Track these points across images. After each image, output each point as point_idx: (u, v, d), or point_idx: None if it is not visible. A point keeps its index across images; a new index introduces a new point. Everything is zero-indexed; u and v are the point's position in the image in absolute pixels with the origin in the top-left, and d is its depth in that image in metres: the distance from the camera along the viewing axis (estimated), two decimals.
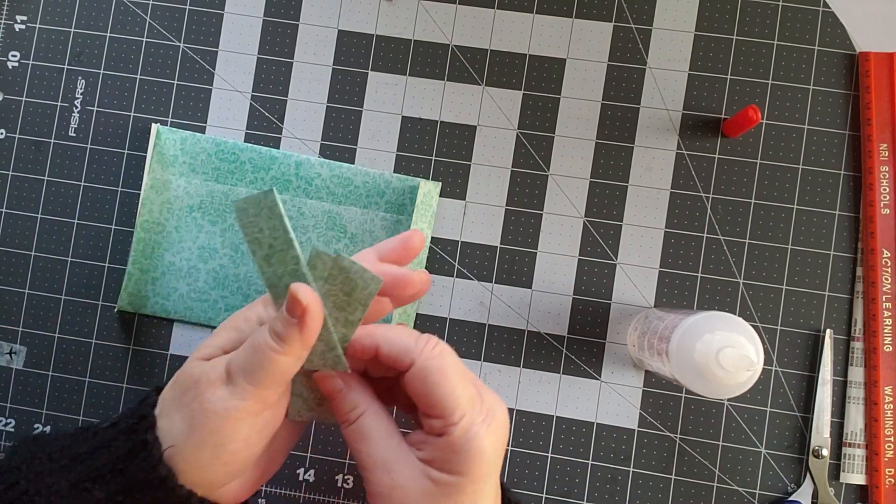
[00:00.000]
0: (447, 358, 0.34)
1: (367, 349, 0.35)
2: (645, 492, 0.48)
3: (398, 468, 0.34)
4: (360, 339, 0.35)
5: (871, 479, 0.47)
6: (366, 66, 0.52)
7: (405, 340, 0.35)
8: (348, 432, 0.36)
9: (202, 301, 0.50)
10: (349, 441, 0.36)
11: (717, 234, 0.49)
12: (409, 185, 0.50)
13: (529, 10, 0.51)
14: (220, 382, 0.34)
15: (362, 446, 0.35)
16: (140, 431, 0.34)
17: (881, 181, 0.48)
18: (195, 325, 0.51)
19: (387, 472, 0.34)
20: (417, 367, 0.34)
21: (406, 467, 0.34)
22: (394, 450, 0.35)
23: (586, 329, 0.50)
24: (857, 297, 0.49)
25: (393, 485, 0.34)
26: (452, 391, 0.34)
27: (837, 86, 0.50)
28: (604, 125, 0.50)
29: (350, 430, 0.36)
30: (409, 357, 0.34)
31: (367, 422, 0.35)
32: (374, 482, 0.35)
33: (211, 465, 0.34)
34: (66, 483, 0.34)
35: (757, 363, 0.37)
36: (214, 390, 0.33)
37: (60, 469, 0.34)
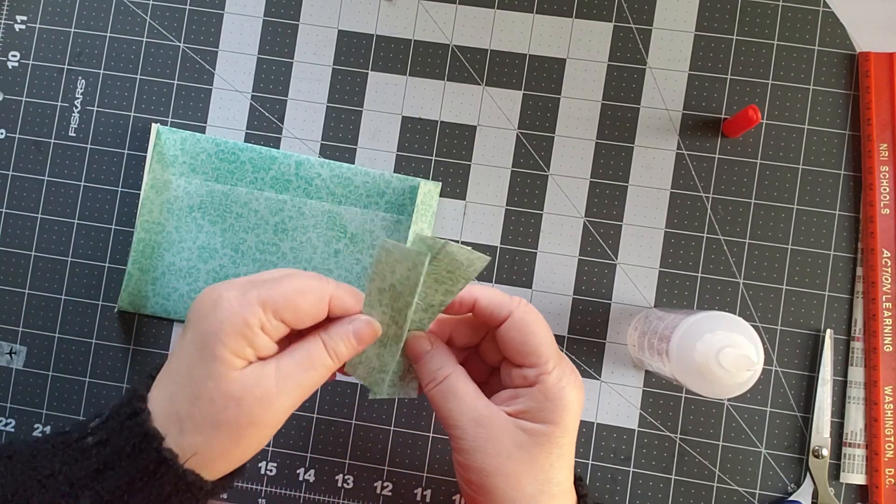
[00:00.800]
0: (537, 313, 0.38)
1: (466, 303, 0.38)
2: (645, 492, 0.48)
3: (490, 422, 0.36)
4: (459, 294, 0.38)
5: (871, 479, 0.47)
6: (366, 66, 0.52)
7: (501, 296, 0.38)
8: (438, 391, 0.37)
9: None
10: (438, 400, 0.37)
11: (718, 234, 0.49)
12: (409, 185, 0.50)
13: (529, 10, 0.51)
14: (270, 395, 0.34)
15: (453, 404, 0.37)
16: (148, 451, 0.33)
17: (881, 181, 0.48)
18: None
19: (480, 427, 0.36)
20: (516, 317, 0.37)
21: (498, 420, 0.36)
22: (485, 405, 0.37)
23: (586, 329, 0.50)
24: (858, 297, 0.49)
25: (487, 437, 0.36)
26: (546, 340, 0.37)
27: (837, 86, 0.50)
28: (604, 125, 0.50)
29: (438, 389, 0.37)
30: (506, 309, 0.37)
31: (455, 380, 0.38)
32: (468, 438, 0.36)
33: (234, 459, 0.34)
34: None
35: (757, 363, 0.37)
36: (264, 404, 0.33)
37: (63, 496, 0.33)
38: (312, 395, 0.50)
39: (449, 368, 0.38)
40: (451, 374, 0.38)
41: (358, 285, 0.50)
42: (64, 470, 0.33)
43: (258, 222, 0.50)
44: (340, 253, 0.50)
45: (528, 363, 0.37)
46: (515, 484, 0.36)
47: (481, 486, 0.36)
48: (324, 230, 0.50)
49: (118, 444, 0.33)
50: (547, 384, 0.37)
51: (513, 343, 0.37)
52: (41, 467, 0.34)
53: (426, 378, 0.38)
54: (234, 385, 0.33)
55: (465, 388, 0.37)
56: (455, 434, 0.37)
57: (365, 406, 0.50)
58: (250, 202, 0.50)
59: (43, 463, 0.34)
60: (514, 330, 0.37)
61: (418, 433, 0.50)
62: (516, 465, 0.36)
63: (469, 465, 0.36)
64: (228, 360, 0.33)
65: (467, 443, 0.36)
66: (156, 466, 0.33)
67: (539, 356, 0.37)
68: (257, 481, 0.50)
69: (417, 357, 0.38)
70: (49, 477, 0.33)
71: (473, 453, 0.36)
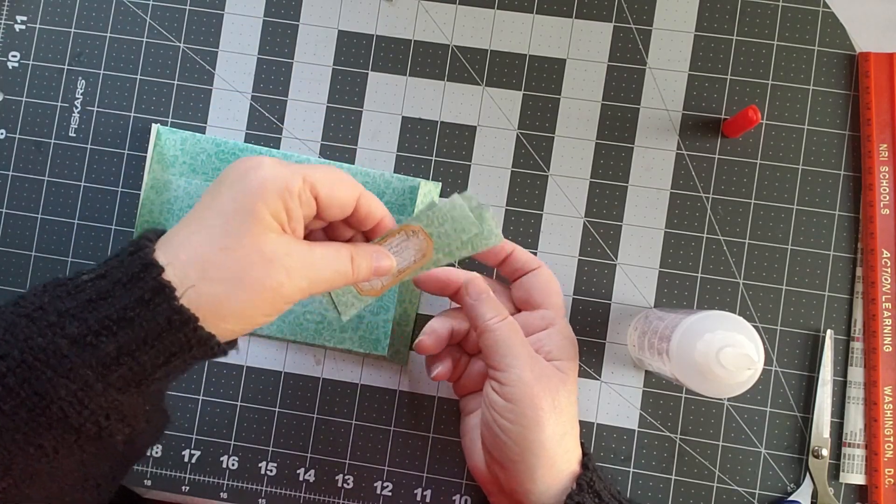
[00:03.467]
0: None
1: (504, 251, 0.45)
2: (645, 492, 0.48)
3: (541, 360, 0.41)
4: (499, 246, 0.43)
5: (871, 479, 0.47)
6: (366, 66, 0.52)
7: (530, 254, 0.46)
8: (505, 324, 0.41)
9: None
10: (504, 334, 0.41)
11: (717, 234, 0.49)
12: (409, 185, 0.50)
13: (529, 10, 0.51)
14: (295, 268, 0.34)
15: (516, 339, 0.41)
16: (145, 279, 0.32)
17: (881, 181, 0.48)
18: None
19: (535, 361, 0.41)
20: (545, 270, 0.45)
21: (543, 360, 0.42)
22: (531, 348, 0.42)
23: (586, 329, 0.50)
24: (857, 298, 0.49)
25: (541, 373, 0.40)
26: (562, 294, 0.45)
27: (837, 86, 0.50)
28: (604, 125, 0.50)
29: (505, 322, 0.41)
30: (537, 262, 0.45)
31: (512, 320, 0.42)
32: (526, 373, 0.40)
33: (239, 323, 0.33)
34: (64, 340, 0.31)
35: (757, 362, 0.37)
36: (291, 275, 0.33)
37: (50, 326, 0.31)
38: (312, 396, 0.50)
39: (506, 311, 0.42)
40: (510, 315, 0.42)
41: None
42: (54, 303, 0.32)
43: None
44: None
45: (548, 304, 0.44)
46: (559, 416, 0.40)
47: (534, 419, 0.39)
48: None
49: (116, 276, 0.32)
50: (563, 324, 0.44)
51: (541, 285, 0.44)
52: (30, 304, 0.32)
53: (491, 312, 0.41)
54: (270, 246, 0.33)
55: (521, 330, 0.42)
56: (516, 364, 0.40)
57: (365, 406, 0.50)
58: None
59: (32, 300, 0.32)
60: (545, 276, 0.44)
61: (418, 433, 0.50)
62: (562, 399, 0.40)
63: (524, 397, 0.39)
64: (266, 221, 0.33)
65: (527, 373, 0.39)
66: (151, 296, 0.31)
67: (558, 300, 0.44)
68: (257, 481, 0.50)
69: (481, 293, 0.42)
70: (37, 310, 0.31)
71: (533, 383, 0.39)
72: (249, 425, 0.50)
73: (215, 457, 0.50)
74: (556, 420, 0.40)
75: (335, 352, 0.50)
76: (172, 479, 0.50)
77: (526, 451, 0.39)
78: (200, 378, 0.50)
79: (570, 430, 0.41)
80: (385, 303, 0.49)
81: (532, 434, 0.39)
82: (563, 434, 0.40)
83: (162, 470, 0.50)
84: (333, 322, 0.50)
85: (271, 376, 0.50)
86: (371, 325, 0.49)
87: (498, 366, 0.40)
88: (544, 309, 0.44)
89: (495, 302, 0.42)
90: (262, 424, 0.50)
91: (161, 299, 0.31)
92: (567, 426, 0.40)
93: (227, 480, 0.50)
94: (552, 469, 0.39)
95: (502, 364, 0.40)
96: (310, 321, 0.50)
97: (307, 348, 0.50)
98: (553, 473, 0.39)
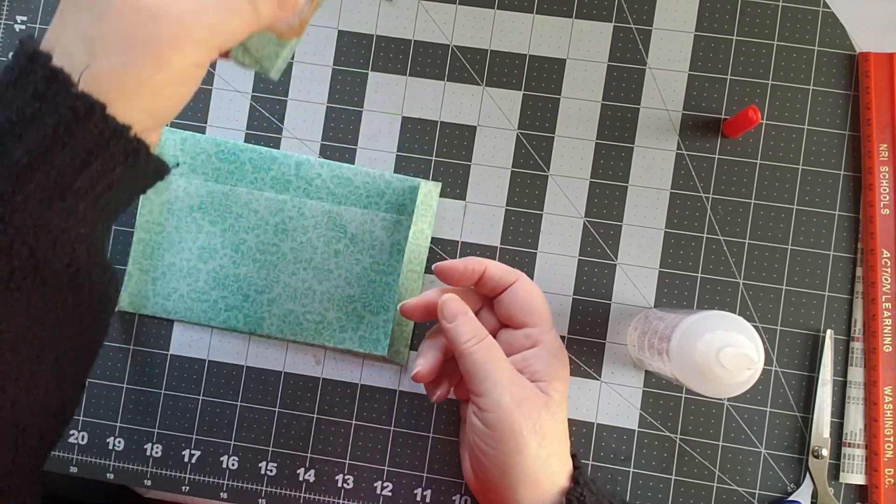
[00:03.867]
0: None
1: (477, 270, 0.42)
2: (645, 492, 0.48)
3: (524, 383, 0.40)
4: (470, 263, 0.42)
5: (871, 479, 0.47)
6: (366, 66, 0.52)
7: (506, 266, 0.43)
8: (482, 345, 0.40)
9: (202, 301, 0.50)
10: (481, 356, 0.39)
11: (717, 234, 0.49)
12: (409, 185, 0.50)
13: (529, 10, 0.51)
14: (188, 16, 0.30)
15: (494, 361, 0.39)
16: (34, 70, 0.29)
17: (881, 181, 0.48)
18: (195, 325, 0.51)
19: (515, 385, 0.39)
20: (523, 282, 0.42)
21: (526, 382, 0.40)
22: (514, 369, 0.40)
23: (586, 329, 0.50)
24: (857, 298, 0.49)
25: (523, 397, 0.39)
26: (546, 305, 0.43)
27: (837, 86, 0.50)
28: (604, 125, 0.50)
29: (483, 344, 0.40)
30: (513, 275, 0.42)
31: (494, 341, 0.41)
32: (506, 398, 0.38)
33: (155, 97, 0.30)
34: None
35: (758, 362, 0.37)
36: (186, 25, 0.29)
37: None
38: (312, 395, 0.50)
39: (484, 331, 0.41)
40: (488, 336, 0.41)
41: (358, 286, 0.50)
42: None
43: (258, 222, 0.50)
44: (340, 253, 0.50)
45: (531, 322, 0.42)
46: (542, 440, 0.39)
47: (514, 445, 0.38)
48: (324, 230, 0.50)
49: (3, 78, 0.29)
50: (549, 342, 0.41)
51: (521, 303, 0.42)
52: None
53: (467, 335, 0.40)
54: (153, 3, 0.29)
55: (501, 350, 0.40)
56: (494, 390, 0.38)
57: (365, 406, 0.50)
58: (250, 202, 0.50)
59: None
60: (523, 291, 0.42)
61: (418, 433, 0.50)
62: (544, 423, 0.39)
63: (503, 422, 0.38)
64: None
65: (506, 399, 0.38)
66: (45, 86, 0.28)
67: (542, 315, 0.42)
68: (257, 481, 0.50)
69: (456, 315, 0.41)
70: None
71: (512, 409, 0.38)
72: (249, 425, 0.50)
73: (215, 457, 0.50)
74: (538, 444, 0.38)
75: (335, 352, 0.50)
76: (172, 479, 0.50)
77: (507, 476, 0.38)
78: (200, 378, 0.50)
79: (556, 451, 0.40)
80: (385, 303, 0.49)
81: (512, 459, 0.38)
82: (548, 456, 0.39)
83: (162, 470, 0.50)
84: (333, 322, 0.50)
85: (271, 376, 0.50)
86: (371, 325, 0.49)
87: (476, 390, 0.39)
88: (529, 327, 0.42)
89: (472, 322, 0.41)
90: (262, 424, 0.50)
91: (57, 88, 0.28)
92: (552, 447, 0.39)
93: (227, 480, 0.50)
94: (537, 491, 0.39)
95: (480, 389, 0.39)
96: (310, 321, 0.50)
97: (307, 348, 0.50)
98: (538, 495, 0.39)
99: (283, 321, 0.50)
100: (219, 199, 0.51)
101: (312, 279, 0.50)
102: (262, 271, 0.50)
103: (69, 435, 0.51)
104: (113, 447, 0.51)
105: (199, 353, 0.51)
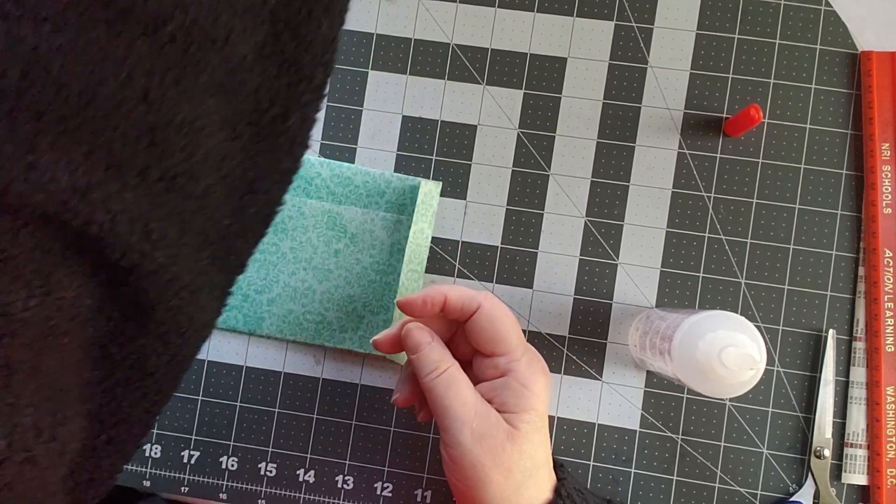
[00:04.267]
0: (505, 306, 0.40)
1: (437, 301, 0.40)
2: (647, 492, 0.48)
3: (488, 415, 0.38)
4: (429, 293, 0.39)
5: (873, 479, 0.47)
6: (366, 65, 0.51)
7: (469, 291, 0.40)
8: (441, 380, 0.38)
9: None
10: (440, 390, 0.38)
11: (719, 233, 0.49)
12: (409, 184, 0.50)
13: (530, 8, 0.51)
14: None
15: (455, 395, 0.37)
16: None
17: (883, 181, 0.48)
18: None
19: (479, 418, 0.37)
20: (486, 308, 0.39)
21: (493, 414, 0.38)
22: (480, 399, 0.38)
23: (587, 329, 0.49)
24: (859, 297, 0.48)
25: (484, 432, 0.37)
26: (513, 330, 0.39)
27: (839, 85, 0.49)
28: (605, 124, 0.50)
29: (442, 378, 0.38)
30: (475, 302, 0.39)
31: (457, 372, 0.39)
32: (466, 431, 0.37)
33: None
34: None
35: (760, 362, 0.37)
36: None
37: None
38: (312, 396, 0.50)
39: (449, 360, 0.39)
40: (452, 366, 0.39)
41: (357, 285, 0.50)
42: None
43: None
44: (340, 253, 0.50)
45: (498, 351, 0.39)
46: (507, 474, 0.37)
47: (476, 480, 0.37)
48: (324, 230, 0.50)
49: None
50: (519, 371, 0.39)
51: (484, 333, 0.39)
52: None
53: (428, 368, 0.38)
54: None
55: (464, 381, 0.39)
56: (453, 427, 0.37)
57: (365, 406, 0.50)
58: None
59: None
60: (485, 320, 0.39)
61: (418, 433, 0.50)
62: (509, 457, 0.37)
63: (464, 459, 0.37)
64: None
65: (466, 436, 0.37)
66: None
67: (508, 343, 0.39)
68: (257, 482, 0.50)
69: (418, 347, 0.39)
70: None
71: (471, 446, 0.37)
72: (249, 426, 0.50)
73: (215, 457, 0.50)
74: (504, 478, 0.37)
75: (335, 352, 0.50)
76: (171, 480, 0.50)
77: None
78: (200, 378, 0.50)
79: (527, 480, 0.38)
80: (385, 303, 0.49)
81: (477, 493, 0.37)
82: (518, 487, 0.38)
83: (161, 471, 0.50)
84: (333, 322, 0.49)
85: (271, 376, 0.50)
86: (371, 325, 0.49)
87: (440, 424, 0.38)
88: (496, 356, 0.40)
89: (434, 354, 0.39)
90: (262, 425, 0.50)
91: None
92: (520, 479, 0.38)
93: (227, 481, 0.50)
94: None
95: (443, 424, 0.38)
96: (310, 321, 0.49)
97: (307, 348, 0.50)
98: None
99: (283, 321, 0.50)
100: None
101: (312, 279, 0.50)
102: (262, 271, 0.50)
103: None
104: None
105: (199, 354, 0.50)
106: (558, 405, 0.49)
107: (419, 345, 0.39)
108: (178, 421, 0.50)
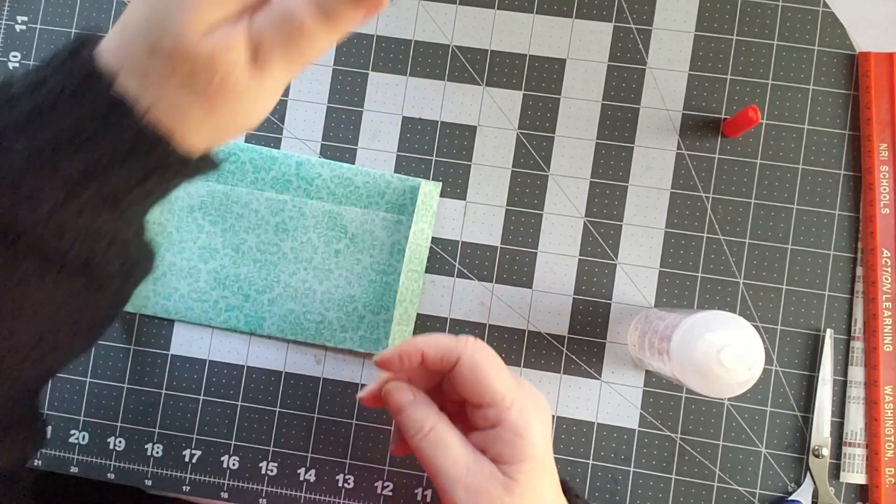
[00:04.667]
0: (488, 350, 0.37)
1: (413, 357, 0.37)
2: (645, 491, 0.48)
3: (481, 469, 0.35)
4: (405, 350, 0.37)
5: (871, 478, 0.47)
6: (366, 66, 0.52)
7: (447, 340, 0.37)
8: (426, 441, 0.36)
9: (202, 301, 0.50)
10: (427, 451, 0.36)
11: (718, 233, 0.49)
12: (409, 185, 0.50)
13: (530, 10, 0.51)
14: (245, 66, 0.27)
15: (443, 454, 0.36)
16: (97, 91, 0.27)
17: (881, 181, 0.48)
18: (196, 325, 0.51)
19: (471, 475, 0.35)
20: (465, 359, 0.36)
21: (487, 467, 0.35)
22: (472, 454, 0.36)
23: (587, 329, 0.50)
24: (857, 297, 0.49)
25: (479, 487, 0.35)
26: (499, 377, 0.36)
27: (837, 86, 0.50)
28: (604, 125, 0.50)
29: (427, 439, 0.36)
30: (455, 353, 0.36)
31: (443, 430, 0.36)
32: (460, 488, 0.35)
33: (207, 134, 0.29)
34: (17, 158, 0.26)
35: (758, 362, 0.37)
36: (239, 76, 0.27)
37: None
38: (313, 395, 0.50)
39: (434, 417, 0.37)
40: (437, 424, 0.36)
41: (358, 286, 0.50)
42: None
43: (259, 222, 0.50)
44: (341, 253, 0.50)
45: (485, 402, 0.36)
46: None
47: None
48: (324, 230, 0.50)
49: (55, 85, 0.27)
50: (510, 421, 0.36)
51: (467, 385, 0.36)
52: None
53: (412, 429, 0.36)
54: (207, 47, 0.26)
55: (452, 436, 0.36)
56: (445, 485, 0.35)
57: (365, 406, 0.50)
58: (251, 202, 0.50)
59: None
60: (467, 371, 0.36)
61: None
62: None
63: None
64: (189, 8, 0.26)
65: (460, 494, 0.35)
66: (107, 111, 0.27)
67: (494, 393, 0.36)
68: (258, 481, 0.50)
69: (400, 409, 0.37)
70: None
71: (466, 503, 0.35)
72: (250, 425, 0.50)
73: (216, 457, 0.50)
74: None
75: (335, 352, 0.50)
76: (173, 479, 0.50)
77: None
78: (201, 378, 0.50)
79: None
80: (385, 303, 0.49)
81: None
82: None
83: (162, 470, 0.50)
84: (334, 322, 0.50)
85: (271, 376, 0.50)
86: (371, 325, 0.49)
87: (433, 483, 0.37)
88: (485, 407, 0.36)
89: (417, 413, 0.37)
90: (263, 424, 0.50)
91: (120, 116, 0.27)
92: None
93: (228, 480, 0.50)
94: None
95: (436, 483, 0.36)
96: (310, 321, 0.50)
97: (307, 348, 0.50)
98: None
99: (284, 321, 0.50)
100: (219, 198, 0.51)
101: (313, 279, 0.50)
102: (263, 271, 0.50)
103: (70, 435, 0.51)
104: (114, 447, 0.51)
105: (200, 353, 0.51)
106: (558, 405, 0.49)
107: (400, 406, 0.37)
108: (180, 420, 0.50)
